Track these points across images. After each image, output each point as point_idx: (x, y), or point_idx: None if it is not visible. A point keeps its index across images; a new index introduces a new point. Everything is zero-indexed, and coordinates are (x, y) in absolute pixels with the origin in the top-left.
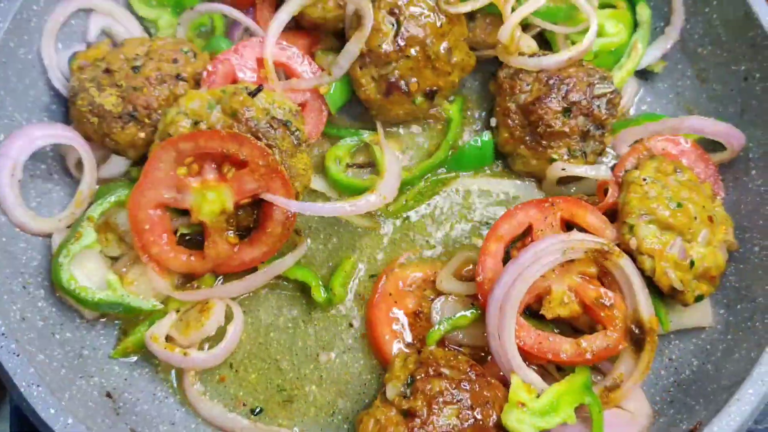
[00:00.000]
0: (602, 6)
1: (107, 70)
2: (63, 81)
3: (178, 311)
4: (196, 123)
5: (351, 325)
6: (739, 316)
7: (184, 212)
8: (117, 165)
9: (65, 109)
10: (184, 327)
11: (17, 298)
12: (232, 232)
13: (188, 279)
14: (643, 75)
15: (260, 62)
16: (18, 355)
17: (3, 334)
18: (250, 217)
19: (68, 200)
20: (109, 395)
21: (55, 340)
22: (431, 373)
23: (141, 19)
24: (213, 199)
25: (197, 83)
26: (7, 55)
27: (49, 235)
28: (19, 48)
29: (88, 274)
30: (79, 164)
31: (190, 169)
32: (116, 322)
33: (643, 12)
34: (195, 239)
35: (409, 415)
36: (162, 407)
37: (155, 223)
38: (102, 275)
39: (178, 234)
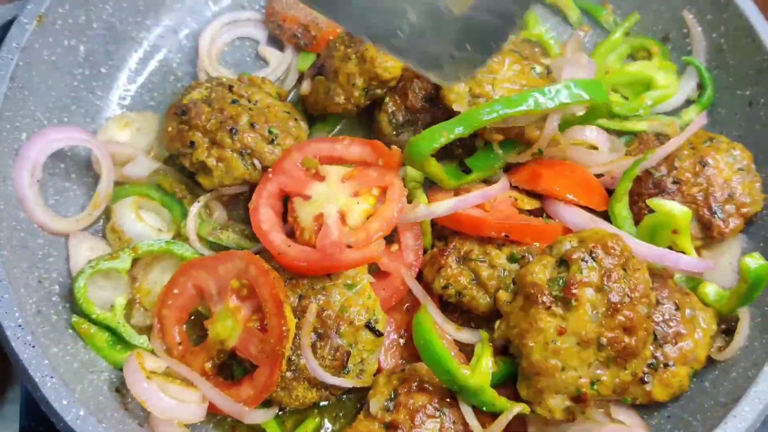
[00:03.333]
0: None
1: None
2: None
3: None
4: None
5: None
6: None
7: None
8: (141, 166)
9: (84, 110)
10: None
11: (33, 292)
12: (211, 363)
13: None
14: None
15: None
16: (34, 347)
17: (20, 325)
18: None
19: (85, 199)
20: (118, 390)
21: (69, 334)
22: (414, 388)
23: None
24: (227, 327)
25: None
26: (31, 56)
27: (66, 235)
28: (43, 49)
29: (101, 287)
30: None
31: (239, 292)
32: None
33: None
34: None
35: (391, 427)
36: None
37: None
38: (111, 297)
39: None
